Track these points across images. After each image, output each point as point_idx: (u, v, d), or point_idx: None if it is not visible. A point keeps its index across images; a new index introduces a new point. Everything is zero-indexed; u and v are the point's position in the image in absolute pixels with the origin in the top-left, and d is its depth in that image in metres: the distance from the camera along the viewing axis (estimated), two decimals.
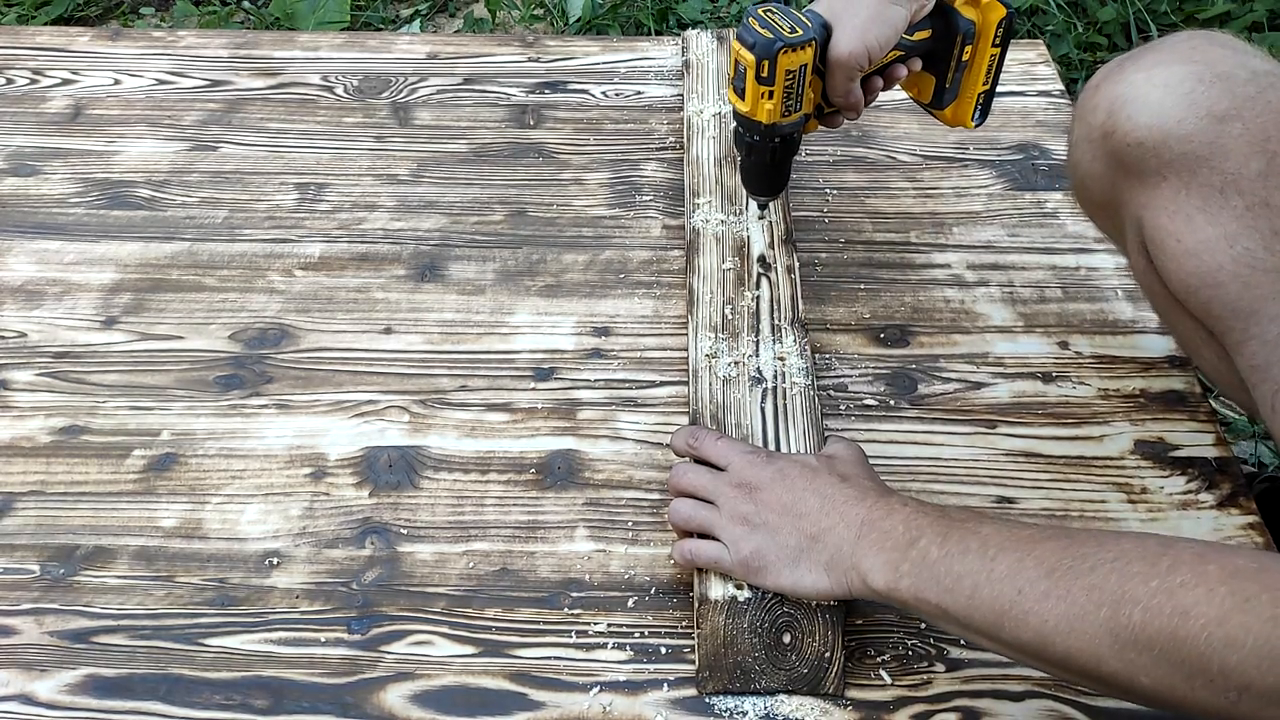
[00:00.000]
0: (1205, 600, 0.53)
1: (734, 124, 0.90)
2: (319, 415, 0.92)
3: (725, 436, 0.81)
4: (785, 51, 0.83)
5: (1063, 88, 1.29)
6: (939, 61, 0.93)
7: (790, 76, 0.84)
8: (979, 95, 0.95)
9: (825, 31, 0.85)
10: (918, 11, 0.86)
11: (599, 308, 1.02)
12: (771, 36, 0.82)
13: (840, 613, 0.73)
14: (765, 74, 0.83)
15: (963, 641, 0.76)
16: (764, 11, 0.85)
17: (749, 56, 0.84)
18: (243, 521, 0.85)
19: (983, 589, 0.62)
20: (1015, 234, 1.09)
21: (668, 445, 0.86)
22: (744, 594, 0.73)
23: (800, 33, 0.83)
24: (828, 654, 0.72)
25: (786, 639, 0.72)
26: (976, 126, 0.97)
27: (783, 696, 0.72)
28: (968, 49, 0.91)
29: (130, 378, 0.96)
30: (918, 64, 0.92)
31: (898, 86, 0.93)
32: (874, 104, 0.93)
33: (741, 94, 0.87)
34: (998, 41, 0.91)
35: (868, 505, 0.70)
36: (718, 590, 0.74)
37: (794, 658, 0.72)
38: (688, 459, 0.81)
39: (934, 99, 0.95)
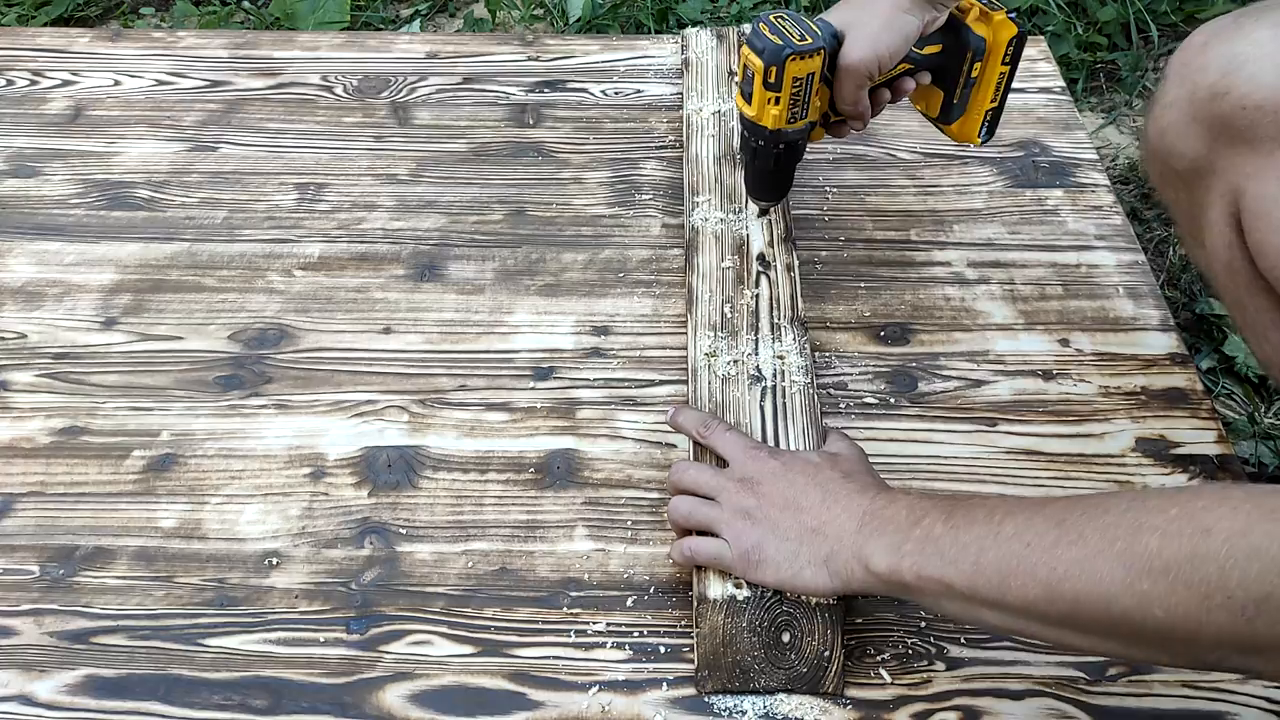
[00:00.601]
0: (1229, 516, 0.52)
1: (739, 127, 0.90)
2: (318, 415, 0.92)
3: (734, 429, 0.81)
4: (794, 59, 0.82)
5: (1064, 84, 1.29)
6: (948, 77, 0.92)
7: (798, 84, 0.84)
8: (987, 112, 0.94)
9: (835, 41, 0.85)
10: (929, 24, 0.87)
11: (598, 307, 1.02)
12: (780, 43, 0.82)
13: (840, 612, 0.73)
14: (773, 80, 0.83)
15: (963, 640, 0.76)
16: (775, 18, 0.85)
17: (757, 62, 0.83)
18: (242, 522, 0.85)
19: (988, 552, 0.61)
20: (1016, 231, 1.09)
21: (668, 421, 0.85)
22: (743, 593, 0.73)
23: (810, 40, 0.83)
24: (827, 653, 0.72)
25: (786, 638, 0.72)
26: (983, 144, 0.97)
27: (782, 696, 0.72)
28: (977, 65, 0.91)
29: (130, 378, 0.96)
30: (926, 78, 0.92)
31: (906, 99, 0.94)
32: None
33: (748, 98, 0.87)
34: (1007, 59, 0.91)
35: (869, 497, 0.70)
36: (717, 589, 0.73)
37: (793, 656, 0.72)
38: (686, 457, 0.81)
39: (941, 114, 0.95)
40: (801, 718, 0.71)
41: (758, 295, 0.95)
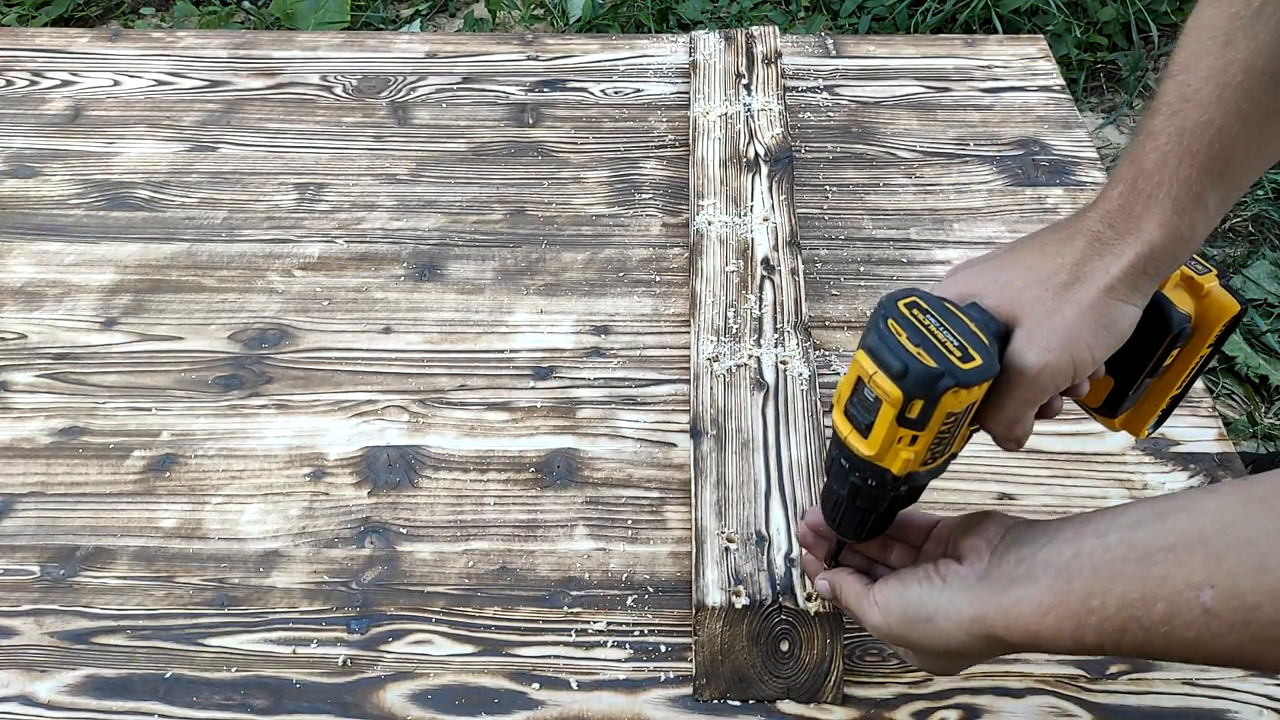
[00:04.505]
0: None
1: (832, 453, 0.62)
2: (318, 415, 0.92)
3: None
4: (955, 392, 0.55)
5: (1064, 83, 1.29)
6: (1128, 363, 0.65)
7: (950, 420, 0.57)
8: (1169, 400, 0.68)
9: (1000, 343, 0.58)
10: None
11: (598, 306, 1.02)
12: (935, 367, 0.55)
13: (839, 620, 0.73)
14: (915, 415, 0.56)
15: None
16: (907, 307, 0.58)
17: (892, 390, 0.55)
18: (242, 521, 0.85)
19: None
20: (1016, 230, 1.09)
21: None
22: (741, 601, 0.73)
23: (977, 360, 0.55)
24: (826, 663, 0.72)
25: (784, 647, 0.72)
26: (1148, 435, 0.71)
27: None
28: (1174, 353, 0.64)
29: (130, 379, 0.96)
30: (1101, 368, 0.63)
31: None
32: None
33: (863, 429, 0.58)
34: (1214, 343, 0.65)
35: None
36: (715, 596, 0.73)
37: (792, 666, 0.72)
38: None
39: (1105, 405, 0.68)
40: (801, 714, 0.71)
41: (761, 300, 0.95)
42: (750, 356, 0.90)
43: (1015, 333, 0.58)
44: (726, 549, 0.76)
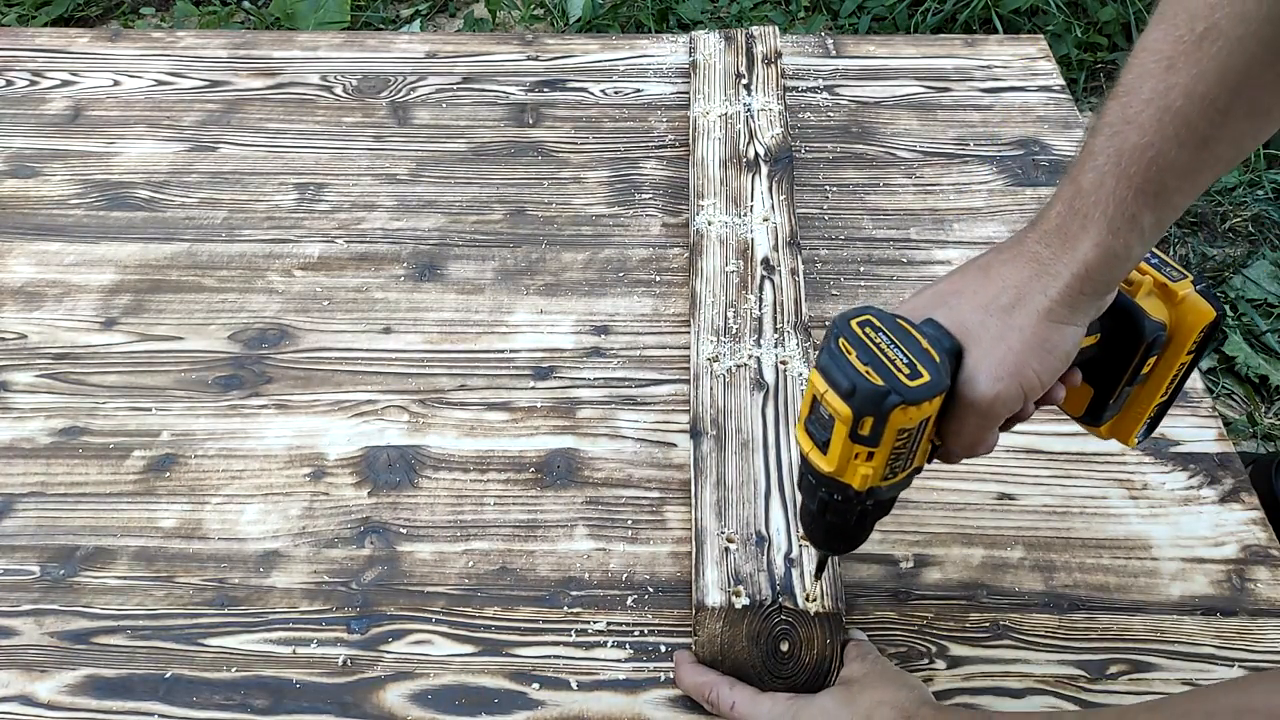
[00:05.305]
0: None
1: (801, 469, 0.64)
2: (318, 415, 0.92)
3: (738, 686, 0.72)
4: (903, 409, 0.56)
5: (1064, 83, 1.29)
6: (1105, 371, 0.66)
7: (904, 436, 0.58)
8: (1155, 407, 0.69)
9: (953, 359, 0.59)
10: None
11: (598, 306, 1.02)
12: (881, 385, 0.56)
13: (839, 620, 0.73)
14: (867, 432, 0.57)
15: (964, 638, 0.76)
16: (859, 324, 0.59)
17: (843, 409, 0.57)
18: (242, 521, 0.85)
19: None
20: (1016, 230, 1.09)
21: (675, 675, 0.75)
22: (741, 601, 0.73)
23: (925, 377, 0.56)
24: (826, 663, 0.72)
25: (784, 647, 0.72)
26: (1138, 444, 0.72)
27: None
28: (1151, 360, 0.66)
29: (130, 379, 0.96)
30: (1078, 377, 0.64)
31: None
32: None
33: (822, 446, 0.60)
34: (1193, 349, 0.66)
35: None
36: (715, 597, 0.73)
37: (793, 666, 0.72)
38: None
39: (1087, 413, 0.70)
40: None
41: (761, 300, 0.95)
42: (750, 356, 0.90)
43: (965, 358, 0.59)
44: (726, 549, 0.76)
